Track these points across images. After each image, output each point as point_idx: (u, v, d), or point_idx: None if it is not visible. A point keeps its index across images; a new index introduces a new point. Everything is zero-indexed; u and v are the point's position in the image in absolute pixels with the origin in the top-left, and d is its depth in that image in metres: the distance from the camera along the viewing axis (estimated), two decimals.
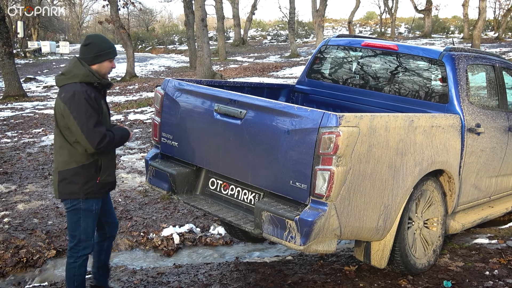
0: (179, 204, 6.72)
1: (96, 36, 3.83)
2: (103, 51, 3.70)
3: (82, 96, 3.51)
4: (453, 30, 47.55)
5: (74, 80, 3.58)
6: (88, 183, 3.67)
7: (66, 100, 3.51)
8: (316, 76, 5.87)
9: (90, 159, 3.65)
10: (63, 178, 3.65)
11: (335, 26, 56.47)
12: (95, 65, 3.68)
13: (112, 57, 3.77)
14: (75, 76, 3.59)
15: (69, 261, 3.79)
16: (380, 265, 4.20)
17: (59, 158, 3.67)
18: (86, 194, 3.67)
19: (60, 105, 3.54)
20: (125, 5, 26.42)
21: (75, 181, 3.64)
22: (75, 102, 3.49)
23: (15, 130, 12.05)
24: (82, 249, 3.77)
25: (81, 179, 3.65)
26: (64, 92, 3.55)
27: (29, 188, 7.39)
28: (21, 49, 38.77)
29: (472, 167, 4.86)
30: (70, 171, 3.63)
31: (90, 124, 3.51)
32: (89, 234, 3.79)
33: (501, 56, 6.01)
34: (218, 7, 33.95)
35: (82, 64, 3.63)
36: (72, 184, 3.64)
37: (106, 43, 3.75)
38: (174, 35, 55.11)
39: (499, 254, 4.95)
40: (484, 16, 27.84)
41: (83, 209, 3.71)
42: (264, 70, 25.75)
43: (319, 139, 3.47)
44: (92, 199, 3.73)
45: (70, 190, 3.66)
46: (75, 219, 3.72)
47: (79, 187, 3.65)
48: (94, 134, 3.52)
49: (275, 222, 3.66)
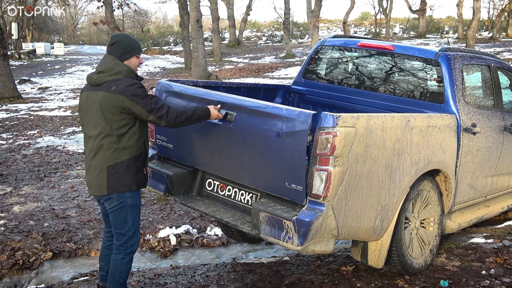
0: (176, 205, 6.71)
1: (120, 35, 3.87)
2: (129, 47, 3.74)
3: (137, 84, 3.61)
4: (448, 30, 47.75)
5: (119, 76, 3.62)
6: (138, 174, 3.72)
7: (122, 90, 3.54)
8: (312, 76, 5.88)
9: (139, 150, 3.70)
10: (114, 172, 3.63)
11: (330, 27, 56.57)
12: (124, 62, 3.71)
13: (138, 53, 3.80)
14: (119, 72, 3.63)
15: (118, 257, 3.80)
16: (377, 265, 4.21)
17: (106, 152, 3.62)
18: (138, 185, 3.73)
19: (115, 97, 3.53)
20: (120, 6, 26.34)
21: (127, 173, 3.66)
22: (134, 91, 3.54)
23: (10, 132, 12.01)
24: (131, 246, 3.80)
25: (132, 170, 3.68)
26: (114, 85, 3.57)
27: (24, 190, 7.37)
28: (16, 51, 38.61)
29: (468, 166, 4.88)
30: (122, 164, 3.63)
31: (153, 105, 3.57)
32: (137, 229, 3.83)
33: (496, 56, 6.03)
34: (213, 8, 33.93)
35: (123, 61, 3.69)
36: (125, 177, 3.65)
37: (131, 40, 3.80)
38: (169, 36, 55.06)
39: (495, 254, 4.97)
40: (478, 16, 27.95)
41: (130, 204, 3.73)
42: (259, 70, 25.77)
43: (315, 140, 3.48)
44: (138, 192, 3.78)
45: (123, 183, 3.66)
46: (123, 216, 3.73)
47: (131, 178, 3.68)
48: (161, 108, 3.60)
49: (273, 222, 3.66)
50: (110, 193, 3.68)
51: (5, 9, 41.69)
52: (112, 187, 3.66)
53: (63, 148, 10.17)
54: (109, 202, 3.72)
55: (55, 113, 15.01)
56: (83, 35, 73.64)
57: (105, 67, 3.67)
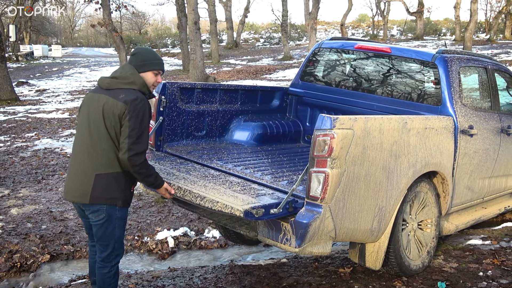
0: (174, 207, 6.72)
1: (144, 48, 3.77)
2: (148, 61, 3.60)
3: (145, 104, 3.43)
4: (445, 32, 47.83)
5: (132, 86, 3.48)
6: (126, 190, 3.54)
7: (128, 101, 3.37)
8: (309, 78, 5.89)
9: None
10: (103, 182, 3.44)
11: (327, 29, 56.65)
12: (140, 73, 3.56)
13: (156, 69, 3.62)
14: (133, 83, 3.49)
15: (103, 271, 3.63)
16: (375, 267, 4.21)
17: (98, 159, 3.43)
18: (124, 201, 3.54)
19: (119, 105, 3.37)
20: (117, 8, 26.38)
21: (115, 186, 3.47)
22: (136, 107, 3.37)
23: (7, 134, 12.00)
24: (115, 257, 3.65)
25: (121, 184, 3.49)
26: (123, 94, 3.42)
27: (22, 192, 7.36)
28: (13, 53, 38.58)
29: (465, 168, 4.89)
30: (112, 175, 3.44)
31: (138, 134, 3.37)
32: (122, 241, 3.68)
33: (493, 58, 6.05)
34: (211, 10, 33.97)
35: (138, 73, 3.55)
36: (112, 190, 3.46)
37: (151, 54, 3.67)
38: (167, 38, 55.09)
39: (492, 255, 4.98)
40: (475, 18, 27.98)
41: (119, 217, 3.56)
42: (257, 72, 25.79)
43: (313, 142, 3.49)
44: (125, 207, 3.61)
45: (110, 195, 3.46)
46: (110, 229, 3.55)
47: (120, 193, 3.50)
48: (138, 145, 3.37)
49: (271, 224, 3.66)
50: (92, 203, 3.47)
51: (3, 11, 41.65)
52: (96, 197, 3.45)
53: (61, 151, 10.16)
54: (96, 214, 3.51)
55: (52, 115, 15.00)
56: (81, 37, 73.64)
57: (121, 74, 3.54)
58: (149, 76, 3.60)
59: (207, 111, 5.19)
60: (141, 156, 3.39)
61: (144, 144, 3.42)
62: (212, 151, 4.92)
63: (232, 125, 5.43)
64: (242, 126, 5.44)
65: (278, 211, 3.42)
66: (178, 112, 4.92)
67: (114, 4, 25.41)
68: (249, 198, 3.52)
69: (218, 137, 5.33)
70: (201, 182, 3.85)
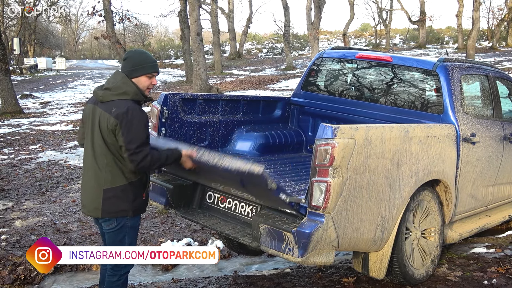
0: (177, 218, 6.71)
1: (134, 50, 3.70)
2: (140, 64, 3.51)
3: (136, 113, 3.39)
4: (448, 41, 47.91)
5: (124, 97, 3.44)
6: (136, 200, 3.55)
7: (119, 115, 3.35)
8: (311, 88, 5.91)
9: (138, 176, 3.53)
10: (111, 196, 3.47)
11: (330, 38, 56.84)
12: (133, 79, 3.51)
13: (149, 72, 3.54)
14: (125, 93, 3.45)
15: (112, 280, 3.64)
16: (379, 276, 4.19)
17: (103, 174, 3.46)
18: (134, 211, 3.56)
19: (110, 120, 3.37)
20: (120, 20, 26.50)
21: (124, 198, 3.49)
22: (128, 119, 3.35)
23: (12, 147, 12.04)
24: (125, 266, 3.64)
25: (130, 196, 3.51)
26: (115, 107, 3.39)
27: (26, 204, 7.37)
28: (17, 66, 38.79)
29: (468, 176, 4.88)
30: (118, 188, 3.47)
31: (136, 142, 3.36)
32: None
33: (495, 66, 6.06)
34: (214, 21, 34.11)
35: (131, 81, 3.50)
36: (121, 202, 3.49)
37: (143, 57, 3.58)
38: (170, 50, 55.34)
39: (497, 263, 4.96)
40: (478, 26, 28.04)
41: (130, 226, 3.59)
42: (260, 83, 25.84)
43: (314, 151, 3.49)
44: (138, 216, 3.65)
45: (119, 208, 3.50)
46: (120, 237, 3.58)
47: (128, 205, 3.51)
48: (138, 153, 3.36)
49: (273, 234, 3.66)
50: (106, 217, 3.53)
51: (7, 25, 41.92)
52: (107, 211, 3.50)
53: (65, 163, 10.19)
54: (108, 223, 3.57)
55: (56, 127, 15.05)
56: (84, 49, 74.05)
57: (113, 84, 3.49)
58: (142, 80, 3.54)
59: (209, 122, 5.20)
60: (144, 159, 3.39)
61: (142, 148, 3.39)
62: None
63: (234, 136, 5.44)
64: (244, 136, 5.45)
65: (287, 198, 3.49)
66: (180, 123, 4.93)
67: (117, 16, 25.55)
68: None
69: (221, 148, 5.34)
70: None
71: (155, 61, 3.63)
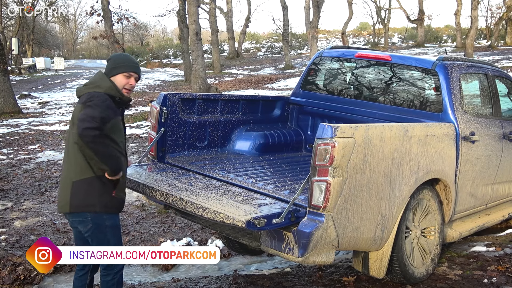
0: (177, 218, 6.71)
1: (117, 53, 3.81)
2: (118, 64, 3.59)
3: (101, 99, 3.39)
4: (446, 39, 47.88)
5: (97, 89, 3.47)
6: (103, 195, 3.47)
7: (84, 100, 3.39)
8: (310, 87, 5.91)
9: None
10: (79, 189, 3.44)
11: (328, 37, 56.80)
12: (111, 77, 3.56)
13: (126, 71, 3.58)
14: (98, 86, 3.49)
15: (107, 279, 3.61)
16: (379, 275, 4.20)
17: (73, 167, 3.45)
18: (102, 207, 3.47)
19: (78, 107, 3.40)
20: (119, 20, 26.49)
21: (90, 192, 3.44)
22: (91, 101, 3.36)
23: (10, 147, 12.03)
24: (117, 264, 3.60)
25: (96, 189, 3.45)
26: (84, 97, 3.43)
27: (25, 205, 7.37)
28: (16, 66, 38.77)
29: (467, 175, 4.88)
30: (86, 181, 3.43)
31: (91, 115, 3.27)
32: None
33: (494, 64, 6.06)
34: (212, 20, 34.09)
35: (107, 77, 3.56)
36: (87, 195, 3.44)
37: (123, 58, 3.67)
38: (168, 49, 55.26)
39: (497, 262, 4.96)
40: (476, 24, 28.04)
41: (109, 225, 3.53)
42: (259, 82, 25.82)
43: (314, 151, 3.49)
44: (110, 214, 3.54)
45: (85, 202, 3.44)
46: (102, 237, 3.53)
47: (95, 199, 3.44)
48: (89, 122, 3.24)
49: (273, 234, 3.66)
50: (72, 211, 3.48)
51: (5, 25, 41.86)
52: (75, 205, 3.45)
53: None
54: (84, 225, 3.51)
55: (55, 127, 15.03)
56: (83, 49, 73.98)
57: (90, 80, 3.59)
58: (119, 79, 3.57)
59: (208, 122, 5.20)
60: (92, 130, 3.25)
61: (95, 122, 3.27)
62: (214, 161, 4.93)
63: (233, 135, 5.45)
64: (243, 136, 5.46)
65: (280, 221, 3.43)
66: (180, 123, 4.93)
67: (116, 16, 25.54)
68: (251, 208, 3.52)
69: (220, 147, 5.34)
70: (203, 192, 3.86)
71: (135, 63, 3.68)
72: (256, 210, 3.47)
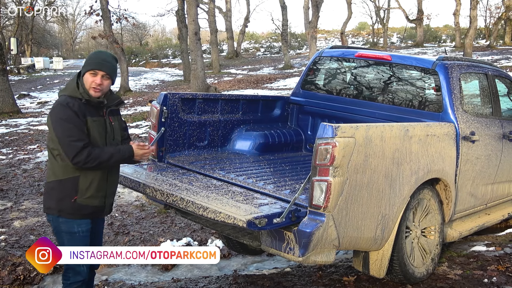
0: (177, 217, 6.70)
1: (94, 51, 3.68)
2: (86, 62, 3.45)
3: (61, 108, 3.32)
4: (445, 39, 47.88)
5: (63, 92, 3.43)
6: (63, 200, 3.40)
7: (50, 111, 3.39)
8: (310, 87, 5.91)
9: (67, 175, 3.38)
10: (47, 190, 3.50)
11: (327, 37, 56.76)
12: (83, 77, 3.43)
13: (92, 69, 3.40)
14: (65, 88, 3.45)
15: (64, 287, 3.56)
16: (379, 275, 4.20)
17: (48, 171, 3.54)
18: (59, 211, 3.41)
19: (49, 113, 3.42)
20: (118, 20, 26.46)
21: (51, 195, 3.44)
22: (54, 113, 3.33)
23: (10, 147, 12.01)
24: (72, 276, 3.51)
25: (56, 194, 3.42)
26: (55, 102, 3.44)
27: (25, 205, 7.36)
28: (15, 66, 38.70)
29: (467, 175, 4.88)
30: (50, 184, 3.46)
31: (66, 136, 3.28)
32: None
33: (493, 64, 6.06)
34: (211, 20, 34.07)
35: (77, 77, 3.44)
36: (49, 199, 3.46)
37: (92, 55, 3.51)
38: (167, 49, 55.20)
39: (497, 261, 4.96)
40: (475, 24, 28.04)
41: (64, 231, 3.45)
42: (258, 82, 25.80)
43: (315, 150, 3.49)
44: (72, 220, 3.43)
45: (46, 204, 3.49)
46: (60, 241, 3.49)
47: (53, 203, 3.43)
48: (70, 147, 3.27)
49: (273, 234, 3.66)
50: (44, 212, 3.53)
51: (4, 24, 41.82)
52: (44, 206, 3.53)
53: None
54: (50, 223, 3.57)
55: None
56: (82, 49, 73.83)
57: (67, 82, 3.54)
58: (86, 77, 3.42)
59: (208, 121, 5.20)
60: (79, 155, 3.27)
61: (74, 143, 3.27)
62: (214, 161, 4.93)
63: (233, 135, 5.44)
64: (243, 135, 5.45)
65: (281, 221, 3.42)
66: (180, 123, 4.93)
67: (115, 16, 25.51)
68: (251, 208, 3.52)
69: (220, 147, 5.34)
70: (204, 192, 3.85)
71: (103, 59, 3.45)
72: (256, 210, 3.47)
